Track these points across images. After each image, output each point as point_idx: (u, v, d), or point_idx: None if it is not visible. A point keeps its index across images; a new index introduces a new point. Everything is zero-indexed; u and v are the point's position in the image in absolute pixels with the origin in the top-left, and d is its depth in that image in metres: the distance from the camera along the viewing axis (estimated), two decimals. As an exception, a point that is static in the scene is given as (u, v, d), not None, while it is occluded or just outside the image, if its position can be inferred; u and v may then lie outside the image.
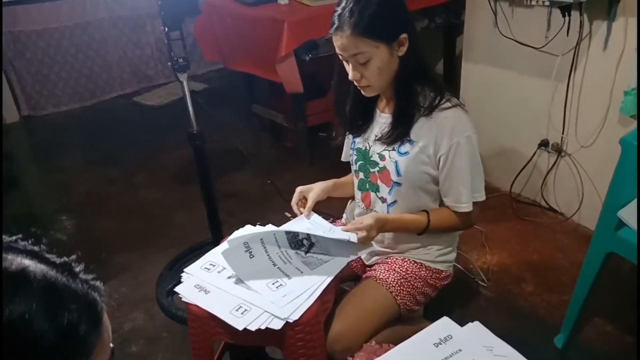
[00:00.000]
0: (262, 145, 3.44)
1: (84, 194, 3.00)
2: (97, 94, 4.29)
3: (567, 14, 2.11)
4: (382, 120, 1.46)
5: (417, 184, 1.43)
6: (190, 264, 1.37)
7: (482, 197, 1.44)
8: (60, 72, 4.11)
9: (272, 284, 1.27)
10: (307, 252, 1.37)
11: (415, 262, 1.51)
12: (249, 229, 1.41)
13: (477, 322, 1.13)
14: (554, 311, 1.93)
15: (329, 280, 1.28)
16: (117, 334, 1.95)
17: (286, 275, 1.30)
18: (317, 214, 1.46)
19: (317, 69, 2.81)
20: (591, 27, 2.11)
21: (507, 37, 2.38)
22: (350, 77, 1.35)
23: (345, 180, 1.64)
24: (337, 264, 1.33)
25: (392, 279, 1.46)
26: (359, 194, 1.56)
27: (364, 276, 1.54)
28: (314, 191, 1.50)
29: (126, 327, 2.01)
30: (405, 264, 1.50)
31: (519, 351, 1.07)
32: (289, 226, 1.40)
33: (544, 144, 2.44)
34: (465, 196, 1.40)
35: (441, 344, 1.09)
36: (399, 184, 1.44)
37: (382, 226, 1.38)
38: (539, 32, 2.28)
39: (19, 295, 0.54)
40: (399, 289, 1.45)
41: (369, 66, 1.30)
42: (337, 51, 1.33)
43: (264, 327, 1.14)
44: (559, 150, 2.39)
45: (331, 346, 1.34)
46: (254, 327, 1.14)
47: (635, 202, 1.58)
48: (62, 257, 0.63)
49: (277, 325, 1.15)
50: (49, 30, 3.98)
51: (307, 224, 1.41)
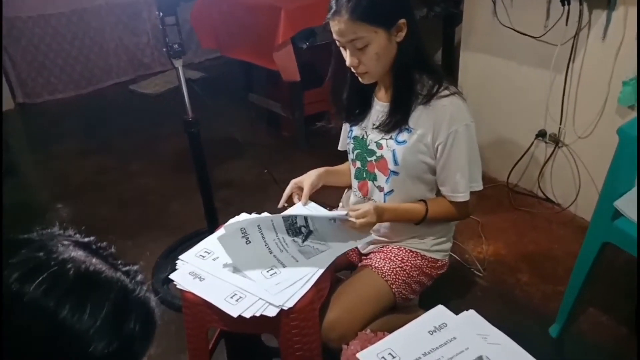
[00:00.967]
0: (259, 134, 3.42)
1: (79, 182, 2.98)
2: (93, 82, 4.26)
3: (566, 2, 2.09)
4: (380, 108, 1.45)
5: (414, 173, 1.43)
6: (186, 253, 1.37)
7: (480, 186, 1.43)
8: (56, 60, 4.07)
9: (267, 271, 1.26)
10: (304, 241, 1.37)
11: (411, 251, 1.51)
12: (244, 217, 1.40)
13: (472, 311, 1.13)
14: (549, 301, 1.93)
15: (323, 270, 1.27)
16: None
17: (281, 263, 1.29)
18: (314, 203, 1.46)
19: (315, 58, 2.78)
20: (590, 16, 2.09)
21: (506, 27, 2.37)
22: (347, 63, 1.33)
23: (338, 168, 1.63)
24: (333, 254, 1.32)
25: (388, 268, 1.46)
26: (356, 183, 1.56)
27: (360, 265, 1.53)
28: (310, 178, 1.50)
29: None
30: (401, 252, 1.50)
31: (513, 339, 1.06)
32: (286, 213, 1.40)
33: (542, 135, 2.43)
34: (462, 185, 1.39)
35: (436, 332, 1.09)
36: (396, 173, 1.43)
37: (380, 215, 1.37)
38: (538, 22, 2.26)
39: (90, 300, 0.52)
40: (395, 277, 1.45)
41: (366, 52, 1.29)
42: (335, 37, 1.31)
43: (258, 314, 1.13)
44: (557, 140, 2.39)
45: (326, 334, 1.33)
46: (248, 315, 1.13)
47: (632, 192, 1.58)
48: (127, 265, 0.60)
49: (272, 312, 1.14)
50: (45, 16, 3.95)
51: (305, 211, 1.41)
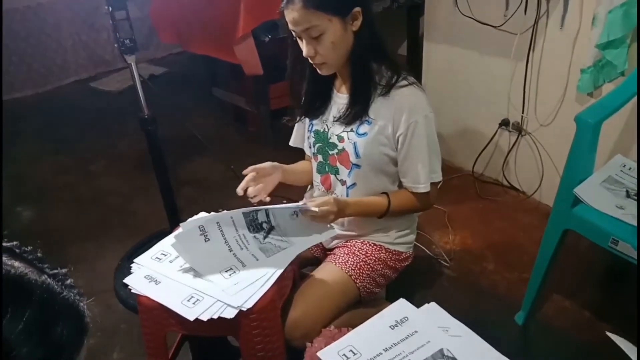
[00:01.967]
0: (224, 130, 3.36)
1: (38, 184, 2.89)
2: (51, 80, 4.12)
3: (525, -9, 2.11)
4: (340, 100, 1.44)
5: (376, 165, 1.41)
6: (147, 254, 1.32)
7: (439, 177, 1.43)
8: (11, 57, 3.92)
9: (226, 271, 1.23)
10: (265, 237, 1.33)
11: (374, 244, 1.50)
12: (203, 215, 1.36)
13: (433, 303, 1.12)
14: (515, 289, 1.95)
15: (283, 269, 1.24)
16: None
17: (241, 262, 1.26)
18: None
19: (279, 51, 2.72)
20: (548, 5, 2.10)
21: (467, 16, 2.37)
22: (304, 53, 1.31)
23: (293, 167, 1.59)
24: (294, 251, 1.30)
25: (352, 262, 1.44)
26: (318, 177, 1.53)
27: (325, 261, 1.51)
28: (273, 176, 1.47)
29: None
30: (364, 246, 1.49)
31: (480, 329, 1.06)
32: (246, 209, 1.35)
33: (505, 124, 2.45)
34: (423, 176, 1.38)
35: (397, 326, 1.08)
36: (358, 166, 1.41)
37: (343, 209, 1.35)
38: (498, 11, 2.27)
39: (11, 303, 0.51)
40: (359, 272, 1.43)
41: (322, 41, 1.27)
42: (290, 27, 1.29)
43: (216, 316, 1.10)
44: (519, 129, 2.41)
45: (290, 332, 1.31)
46: (205, 317, 1.10)
47: (591, 179, 1.60)
48: (56, 268, 0.59)
49: (230, 314, 1.11)
50: (-4, 13, 3.79)
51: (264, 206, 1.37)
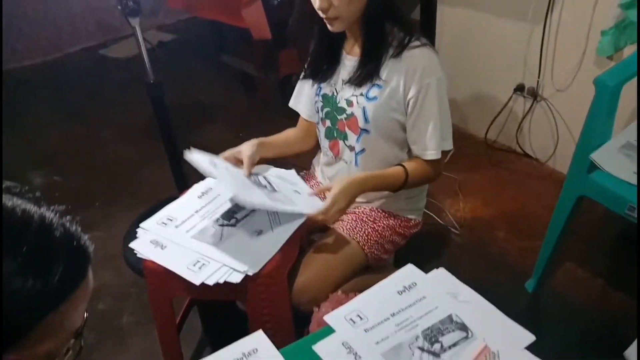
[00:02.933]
0: (233, 96, 3.32)
1: (49, 152, 2.89)
2: (60, 48, 4.09)
3: (544, -51, 2.01)
4: (350, 63, 1.40)
5: (385, 131, 1.38)
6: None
7: (450, 145, 1.38)
8: (20, 25, 3.89)
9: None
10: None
11: (383, 211, 1.47)
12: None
13: (441, 269, 1.10)
14: (526, 257, 1.93)
15: (291, 232, 1.23)
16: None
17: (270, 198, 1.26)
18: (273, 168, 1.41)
19: (289, 16, 2.67)
20: (569, -37, 2.02)
21: (482, -23, 2.28)
22: (317, 6, 1.26)
23: (272, 140, 1.52)
24: (300, 216, 1.27)
25: (360, 229, 1.42)
26: (326, 142, 1.50)
27: (332, 226, 1.50)
28: (247, 151, 1.37)
29: (93, 285, 1.96)
30: (373, 213, 1.47)
31: (490, 295, 1.03)
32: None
33: (520, 89, 2.38)
34: (434, 142, 1.34)
35: (405, 292, 1.06)
36: (367, 131, 1.38)
37: (362, 187, 1.31)
38: (515, -30, 2.18)
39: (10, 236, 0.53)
40: (367, 238, 1.42)
41: None
42: None
43: (222, 281, 1.09)
44: (535, 94, 2.34)
45: (297, 297, 1.31)
46: (211, 282, 1.09)
47: (608, 144, 1.55)
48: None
49: (236, 278, 1.10)
50: (4, -20, 3.74)
51: (264, 194, 1.29)
